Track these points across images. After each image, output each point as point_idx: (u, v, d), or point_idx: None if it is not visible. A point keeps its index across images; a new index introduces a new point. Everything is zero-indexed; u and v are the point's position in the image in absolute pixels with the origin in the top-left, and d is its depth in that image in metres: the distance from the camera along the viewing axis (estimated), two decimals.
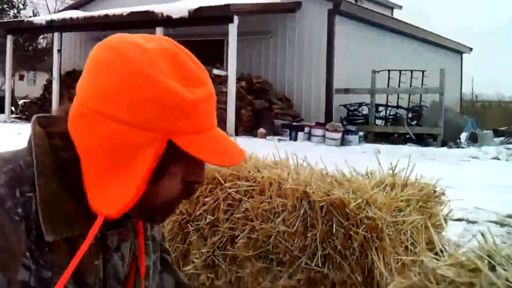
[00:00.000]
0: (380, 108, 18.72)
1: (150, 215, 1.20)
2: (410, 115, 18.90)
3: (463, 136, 18.96)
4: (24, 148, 1.18)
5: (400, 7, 27.94)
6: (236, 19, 15.66)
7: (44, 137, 1.15)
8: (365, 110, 18.15)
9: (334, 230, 2.81)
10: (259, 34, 18.08)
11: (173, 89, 1.06)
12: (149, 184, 1.10)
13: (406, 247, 2.99)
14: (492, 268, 1.82)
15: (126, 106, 1.06)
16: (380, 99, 18.47)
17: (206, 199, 3.16)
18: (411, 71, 18.50)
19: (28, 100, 24.59)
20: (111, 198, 1.09)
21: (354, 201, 2.80)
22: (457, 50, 25.48)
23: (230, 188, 3.11)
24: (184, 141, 1.08)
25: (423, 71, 18.51)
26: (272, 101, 17.07)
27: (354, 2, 19.89)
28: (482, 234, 2.02)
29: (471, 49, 26.26)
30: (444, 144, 16.77)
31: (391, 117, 19.00)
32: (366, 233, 2.74)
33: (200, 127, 1.11)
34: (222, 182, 3.14)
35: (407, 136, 17.13)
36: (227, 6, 15.29)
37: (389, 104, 18.94)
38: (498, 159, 15.23)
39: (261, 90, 17.19)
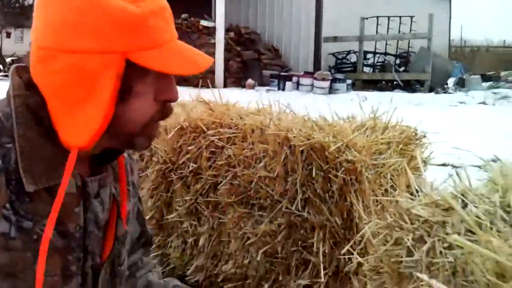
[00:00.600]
0: (368, 56, 18.67)
1: (130, 141, 1.20)
2: (398, 61, 18.87)
3: (451, 81, 18.98)
4: (3, 99, 1.18)
5: None
6: None
7: (22, 87, 1.15)
8: (353, 58, 18.11)
9: (314, 174, 2.83)
10: None
11: (117, 6, 1.06)
12: (118, 107, 1.11)
13: (386, 190, 3.03)
14: (465, 206, 1.85)
15: (76, 34, 1.06)
16: (368, 46, 18.39)
17: (189, 148, 3.17)
18: (400, 17, 18.40)
19: (16, 58, 24.30)
20: (81, 129, 1.10)
21: (334, 145, 2.82)
22: None
23: (213, 136, 3.12)
24: (141, 57, 1.08)
25: (411, 17, 18.43)
26: (260, 51, 16.99)
27: None
28: (457, 174, 2.05)
29: None
30: (431, 89, 16.80)
31: (379, 64, 18.97)
32: (345, 176, 2.77)
33: (155, 41, 1.10)
34: (205, 130, 3.16)
35: (395, 82, 17.13)
36: None
37: (377, 51, 18.89)
38: (485, 103, 15.29)
39: (249, 41, 17.10)
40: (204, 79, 3.71)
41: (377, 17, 18.18)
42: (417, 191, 2.31)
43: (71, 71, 1.07)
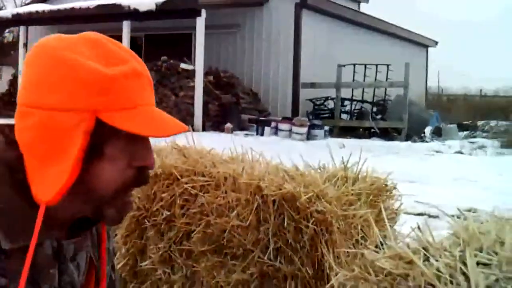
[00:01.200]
0: (346, 102, 18.88)
1: (100, 207, 1.19)
2: (375, 109, 19.10)
3: (428, 130, 19.23)
4: None
5: (367, 1, 28.12)
6: (203, 12, 15.66)
7: (2, 142, 1.17)
8: (331, 104, 18.30)
9: (285, 224, 2.88)
10: (227, 27, 18.08)
11: (89, 67, 1.09)
12: (89, 167, 1.12)
13: (357, 241, 3.08)
14: (426, 260, 1.90)
15: (47, 91, 1.09)
16: (345, 93, 18.62)
17: (163, 195, 3.21)
18: (376, 65, 18.70)
19: None
20: (48, 184, 1.10)
21: (305, 195, 2.87)
22: (423, 44, 25.73)
23: (186, 183, 3.16)
24: (110, 117, 1.10)
25: (387, 65, 18.73)
26: (239, 95, 17.11)
27: None
28: (419, 227, 2.11)
29: (436, 42, 26.52)
30: (408, 138, 16.98)
31: (356, 111, 19.18)
32: (316, 227, 2.82)
33: (126, 103, 1.12)
34: (179, 177, 3.20)
35: (372, 130, 17.31)
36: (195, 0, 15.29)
37: (354, 98, 19.12)
38: (462, 153, 15.48)
39: (228, 85, 17.23)
40: (183, 122, 3.76)
41: (354, 64, 18.43)
42: (381, 244, 2.36)
43: (40, 127, 1.09)
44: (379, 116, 18.68)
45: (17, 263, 1.11)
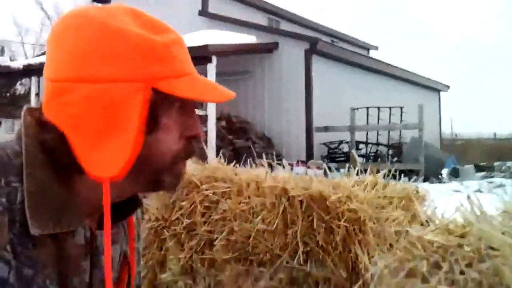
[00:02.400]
0: (361, 146, 18.74)
1: (158, 179, 1.13)
2: (390, 151, 18.93)
3: (445, 171, 19.00)
4: (13, 138, 1.11)
5: (376, 48, 28.27)
6: (214, 59, 15.68)
7: (35, 127, 1.08)
8: (345, 147, 18.16)
9: (315, 225, 2.70)
10: (238, 74, 18.12)
11: (141, 35, 1.04)
12: (146, 139, 1.05)
13: (391, 245, 2.89)
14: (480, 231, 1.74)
15: (100, 63, 1.02)
16: (360, 136, 18.50)
17: (183, 203, 3.06)
18: (390, 107, 18.61)
19: None
20: (111, 158, 1.03)
21: (335, 195, 2.71)
22: (435, 88, 25.69)
23: (207, 190, 3.01)
24: (167, 85, 1.05)
25: (401, 107, 18.64)
26: (253, 140, 17.03)
27: (330, 42, 20.09)
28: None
29: (448, 87, 26.47)
30: (426, 179, 16.77)
31: (372, 154, 19.01)
32: (348, 225, 2.65)
33: (179, 70, 1.07)
34: (199, 184, 3.04)
35: (389, 172, 17.12)
36: (205, 46, 15.31)
37: (369, 141, 18.99)
38: (481, 191, 15.23)
39: (241, 130, 17.16)
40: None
41: (367, 107, 18.37)
42: (427, 222, 2.18)
43: (90, 100, 1.02)
44: (395, 159, 18.50)
45: (46, 252, 1.03)
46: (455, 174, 19.05)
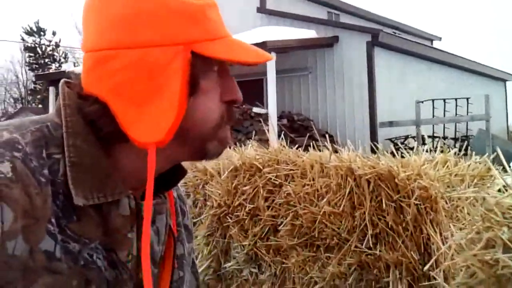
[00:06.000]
0: (427, 140, 18.32)
1: (202, 146, 1.09)
2: (457, 144, 18.48)
3: None
4: (53, 111, 1.08)
5: (440, 39, 27.66)
6: (273, 55, 15.59)
7: (74, 98, 1.05)
8: (411, 142, 17.77)
9: (384, 205, 2.56)
10: (298, 70, 17.98)
11: None
12: (189, 102, 1.01)
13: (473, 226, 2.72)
14: None
15: (139, 28, 1.01)
16: (425, 130, 18.07)
17: (245, 188, 2.96)
18: (456, 99, 18.12)
19: None
20: (156, 123, 0.99)
21: (404, 173, 2.56)
22: (500, 78, 24.96)
23: (269, 173, 2.90)
24: (206, 48, 1.02)
25: (467, 99, 18.12)
26: (315, 138, 16.84)
27: (392, 33, 19.70)
28: None
29: None
30: None
31: (441, 147, 18.59)
32: (419, 203, 2.49)
33: (215, 33, 1.05)
34: (261, 168, 2.94)
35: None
36: (264, 43, 15.22)
37: (435, 134, 18.55)
38: None
39: (302, 127, 17.00)
40: None
41: (433, 100, 17.92)
42: (504, 187, 2.03)
43: (133, 66, 1.00)
44: (462, 152, 18.02)
45: (90, 225, 1.00)
46: None
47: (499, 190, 1.89)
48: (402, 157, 2.83)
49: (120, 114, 1.01)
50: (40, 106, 39.67)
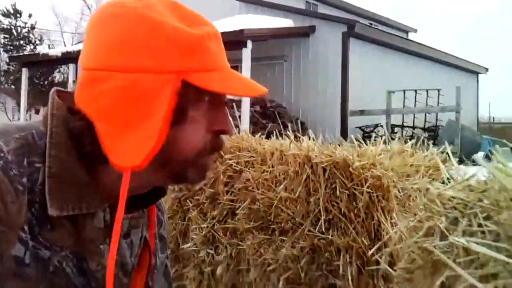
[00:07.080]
0: (396, 129, 18.50)
1: (182, 172, 1.11)
2: (426, 134, 18.68)
3: (481, 154, 18.68)
4: (41, 119, 1.11)
5: (415, 31, 27.87)
6: (250, 44, 15.58)
7: (63, 109, 1.08)
8: (381, 131, 17.94)
9: (338, 192, 2.65)
10: (273, 58, 18.02)
11: (177, 27, 1.04)
12: (172, 131, 1.04)
13: (416, 215, 2.82)
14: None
15: (133, 52, 1.02)
16: (395, 120, 18.26)
17: None
18: (427, 90, 18.32)
19: None
20: (135, 148, 1.02)
21: (359, 162, 2.65)
22: (473, 71, 25.24)
23: (230, 159, 2.97)
24: (199, 78, 1.04)
25: (438, 90, 18.33)
26: (286, 124, 16.94)
27: (368, 25, 19.80)
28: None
29: (487, 69, 25.97)
30: (461, 162, 16.51)
31: (407, 138, 18.76)
32: (371, 192, 2.59)
33: (212, 64, 1.07)
34: (222, 154, 3.01)
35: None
36: (241, 31, 15.22)
37: (405, 124, 18.74)
38: None
39: (275, 114, 17.09)
40: None
41: (404, 90, 18.10)
42: (448, 180, 2.12)
43: (122, 90, 1.02)
44: (431, 142, 18.23)
45: (62, 234, 1.04)
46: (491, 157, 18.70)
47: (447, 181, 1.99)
48: (360, 147, 2.91)
49: (103, 135, 1.03)
50: (12, 87, 39.34)
